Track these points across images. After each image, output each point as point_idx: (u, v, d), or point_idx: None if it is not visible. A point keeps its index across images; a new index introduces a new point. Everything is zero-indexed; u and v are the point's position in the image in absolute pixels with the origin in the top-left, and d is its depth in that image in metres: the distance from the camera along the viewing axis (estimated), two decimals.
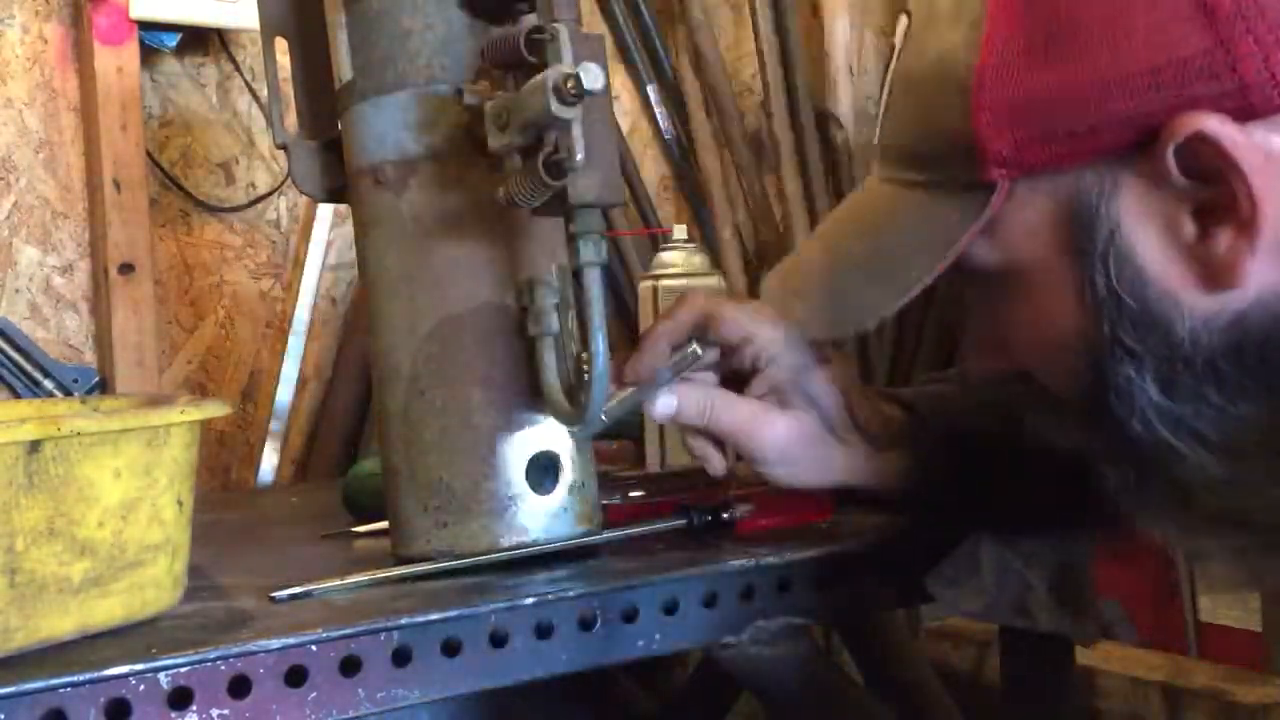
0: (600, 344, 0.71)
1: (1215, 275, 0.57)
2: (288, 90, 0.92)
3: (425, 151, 0.79)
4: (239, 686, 0.65)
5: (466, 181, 0.79)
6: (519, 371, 0.78)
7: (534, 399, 0.78)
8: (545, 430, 0.79)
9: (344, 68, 0.82)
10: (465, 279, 0.79)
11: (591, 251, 0.72)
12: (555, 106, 0.65)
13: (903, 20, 0.67)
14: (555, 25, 0.67)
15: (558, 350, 0.77)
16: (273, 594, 0.74)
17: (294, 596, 0.74)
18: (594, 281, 0.72)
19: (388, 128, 0.80)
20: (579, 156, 0.67)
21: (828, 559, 0.84)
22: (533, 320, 0.77)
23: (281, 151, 0.90)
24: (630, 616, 0.76)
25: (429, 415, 0.79)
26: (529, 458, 0.79)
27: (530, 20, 0.74)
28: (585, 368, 0.73)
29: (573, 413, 0.74)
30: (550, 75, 0.66)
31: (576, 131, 0.66)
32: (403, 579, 0.77)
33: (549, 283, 0.77)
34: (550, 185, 0.69)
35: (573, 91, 0.65)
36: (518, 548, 0.78)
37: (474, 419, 0.78)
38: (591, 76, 0.65)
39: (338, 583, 0.76)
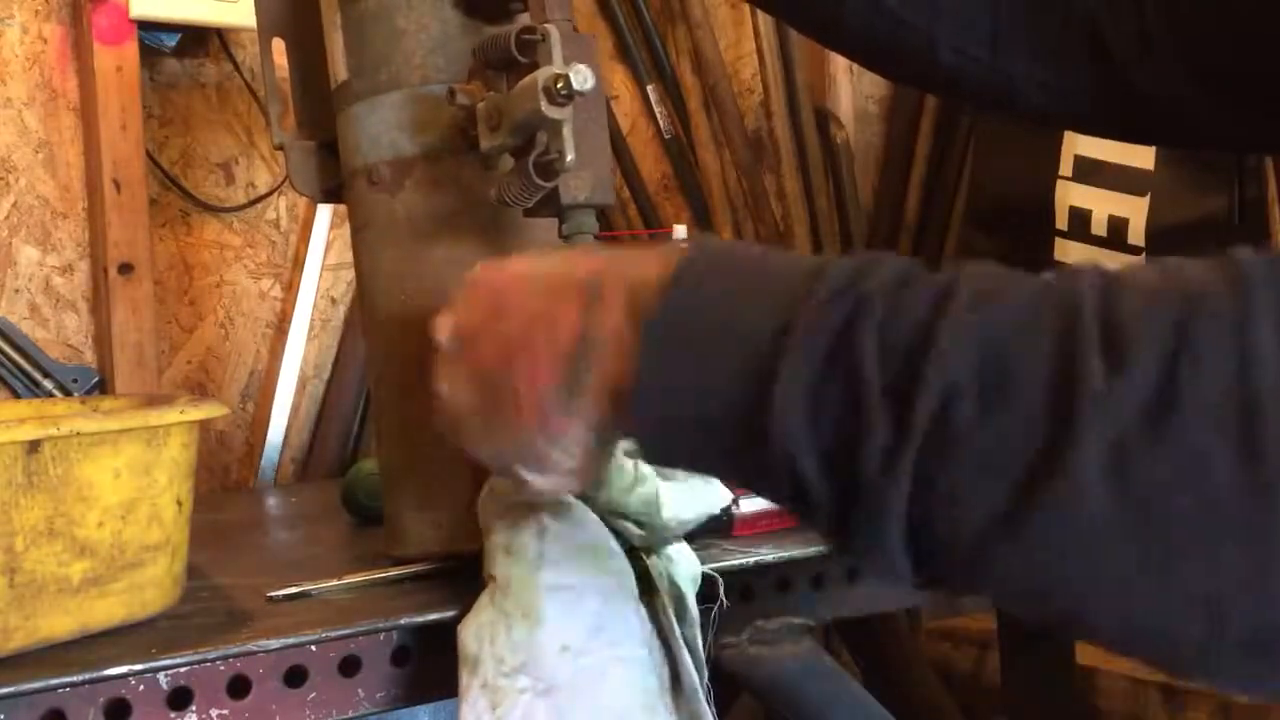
0: None
1: None
2: (286, 91, 0.92)
3: (420, 152, 0.79)
4: (239, 687, 0.66)
5: (461, 182, 0.78)
6: None
7: None
8: None
9: (339, 68, 0.82)
10: (460, 278, 0.78)
11: None
12: (545, 107, 0.65)
13: None
14: (546, 26, 0.67)
15: None
16: (269, 594, 0.74)
17: (290, 596, 0.74)
18: None
19: (382, 128, 0.79)
20: (569, 157, 0.66)
21: (828, 559, 0.84)
22: None
23: (280, 151, 0.90)
24: None
25: (426, 416, 0.79)
26: None
27: (524, 20, 0.74)
28: None
29: None
30: (540, 76, 0.65)
31: (567, 132, 0.66)
32: (400, 579, 0.77)
33: None
34: (541, 186, 0.68)
35: (562, 92, 0.65)
36: None
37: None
38: (581, 77, 0.64)
39: (334, 583, 0.76)
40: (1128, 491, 0.40)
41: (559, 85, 0.65)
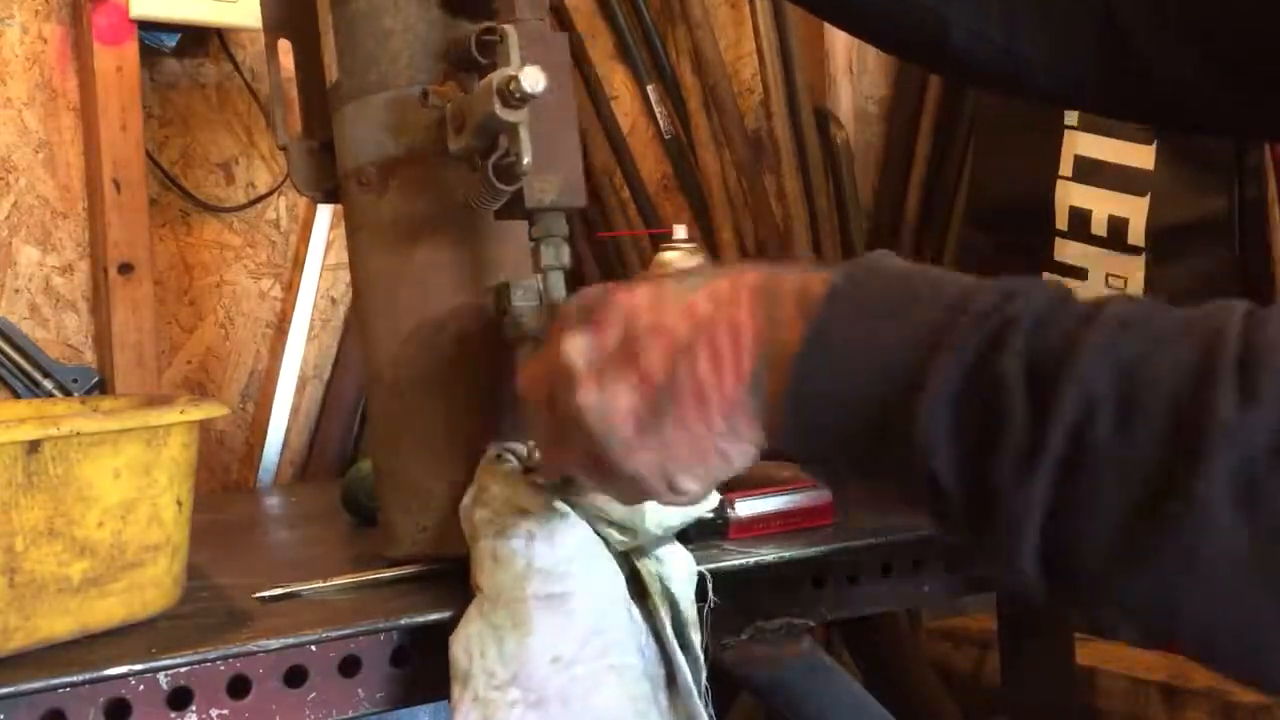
0: None
1: None
2: (290, 90, 0.92)
3: (404, 153, 0.78)
4: (239, 686, 0.66)
5: (443, 184, 0.78)
6: (498, 374, 0.78)
7: (512, 402, 0.78)
8: (524, 433, 0.78)
9: (332, 69, 0.82)
10: (445, 281, 0.78)
11: (552, 255, 0.70)
12: (500, 110, 0.64)
13: None
14: (505, 26, 0.66)
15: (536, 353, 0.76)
16: (256, 594, 0.74)
17: (277, 597, 0.74)
18: (556, 285, 0.71)
19: (370, 129, 0.79)
20: (526, 160, 0.65)
21: (828, 559, 0.84)
22: (511, 323, 0.76)
23: (282, 151, 0.90)
24: None
25: (410, 418, 0.79)
26: None
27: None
28: None
29: None
30: (495, 78, 0.64)
31: (524, 134, 0.65)
32: (391, 581, 0.77)
33: (527, 285, 0.76)
34: (502, 189, 0.68)
35: (515, 95, 0.64)
36: None
37: (453, 422, 0.78)
38: (531, 79, 0.63)
39: (322, 584, 0.76)
40: (1255, 520, 0.40)
41: (511, 87, 0.64)
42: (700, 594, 0.75)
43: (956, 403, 0.47)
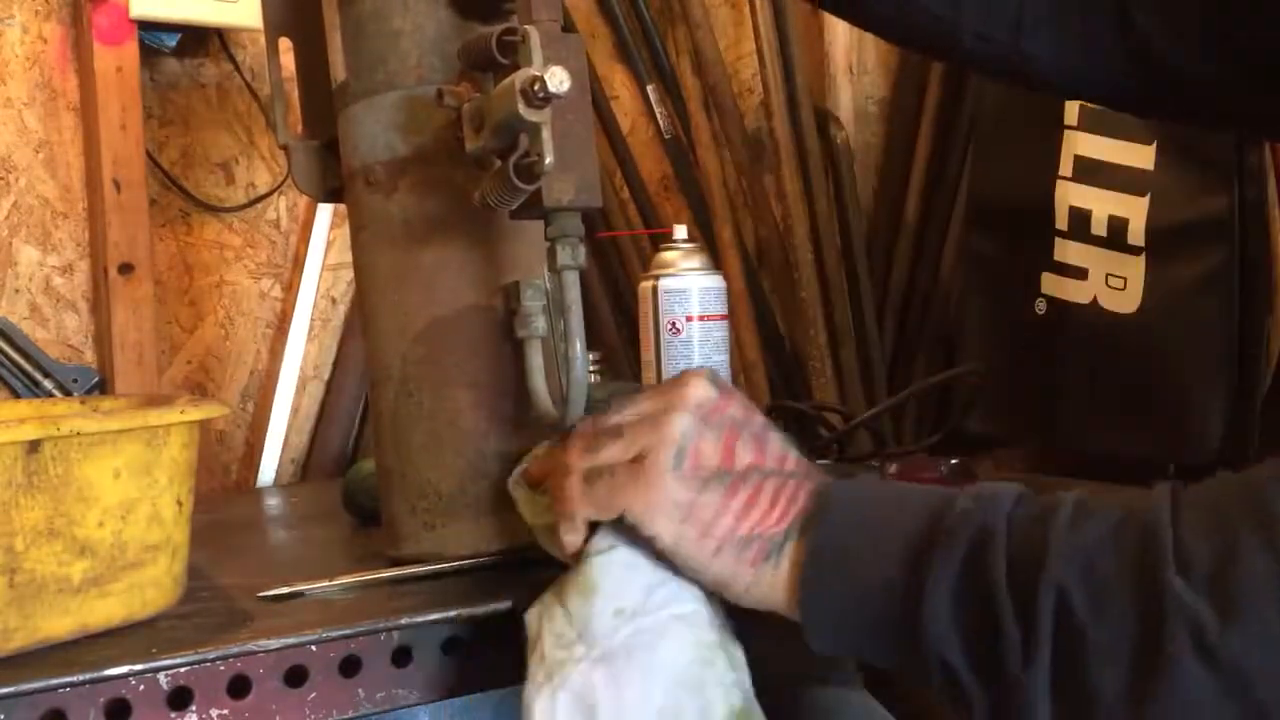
0: (578, 348, 0.71)
1: None
2: (291, 90, 0.92)
3: (414, 153, 0.78)
4: (239, 686, 0.66)
5: (453, 184, 0.78)
6: (506, 373, 0.78)
7: (520, 401, 0.78)
8: (531, 432, 0.79)
9: (338, 68, 0.82)
10: (453, 281, 0.78)
11: (568, 255, 0.71)
12: (523, 110, 0.65)
13: None
14: (527, 27, 0.67)
15: (545, 352, 0.77)
16: (260, 593, 0.74)
17: (281, 596, 0.74)
18: (572, 285, 0.71)
19: (379, 129, 0.79)
20: (549, 160, 0.66)
21: None
22: (520, 322, 0.76)
23: (283, 151, 0.90)
24: None
25: (417, 417, 0.79)
26: (516, 459, 0.78)
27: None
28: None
29: (556, 415, 0.74)
30: (518, 78, 0.65)
31: (546, 134, 0.65)
32: (394, 580, 0.77)
33: (537, 285, 0.77)
34: (522, 189, 0.68)
35: (539, 95, 0.64)
36: (505, 551, 0.78)
37: (461, 421, 0.78)
38: (557, 80, 0.64)
39: (326, 584, 0.76)
40: (1220, 674, 0.49)
41: (535, 87, 0.64)
42: None
43: (958, 609, 0.55)
